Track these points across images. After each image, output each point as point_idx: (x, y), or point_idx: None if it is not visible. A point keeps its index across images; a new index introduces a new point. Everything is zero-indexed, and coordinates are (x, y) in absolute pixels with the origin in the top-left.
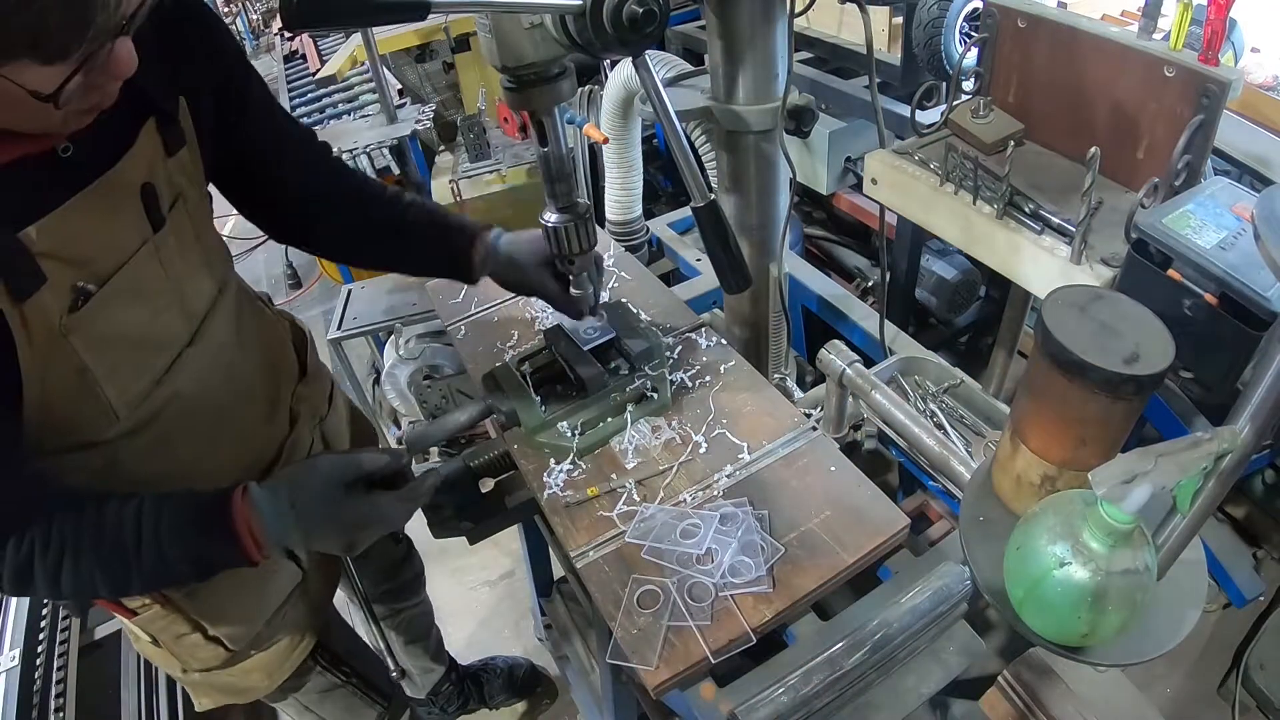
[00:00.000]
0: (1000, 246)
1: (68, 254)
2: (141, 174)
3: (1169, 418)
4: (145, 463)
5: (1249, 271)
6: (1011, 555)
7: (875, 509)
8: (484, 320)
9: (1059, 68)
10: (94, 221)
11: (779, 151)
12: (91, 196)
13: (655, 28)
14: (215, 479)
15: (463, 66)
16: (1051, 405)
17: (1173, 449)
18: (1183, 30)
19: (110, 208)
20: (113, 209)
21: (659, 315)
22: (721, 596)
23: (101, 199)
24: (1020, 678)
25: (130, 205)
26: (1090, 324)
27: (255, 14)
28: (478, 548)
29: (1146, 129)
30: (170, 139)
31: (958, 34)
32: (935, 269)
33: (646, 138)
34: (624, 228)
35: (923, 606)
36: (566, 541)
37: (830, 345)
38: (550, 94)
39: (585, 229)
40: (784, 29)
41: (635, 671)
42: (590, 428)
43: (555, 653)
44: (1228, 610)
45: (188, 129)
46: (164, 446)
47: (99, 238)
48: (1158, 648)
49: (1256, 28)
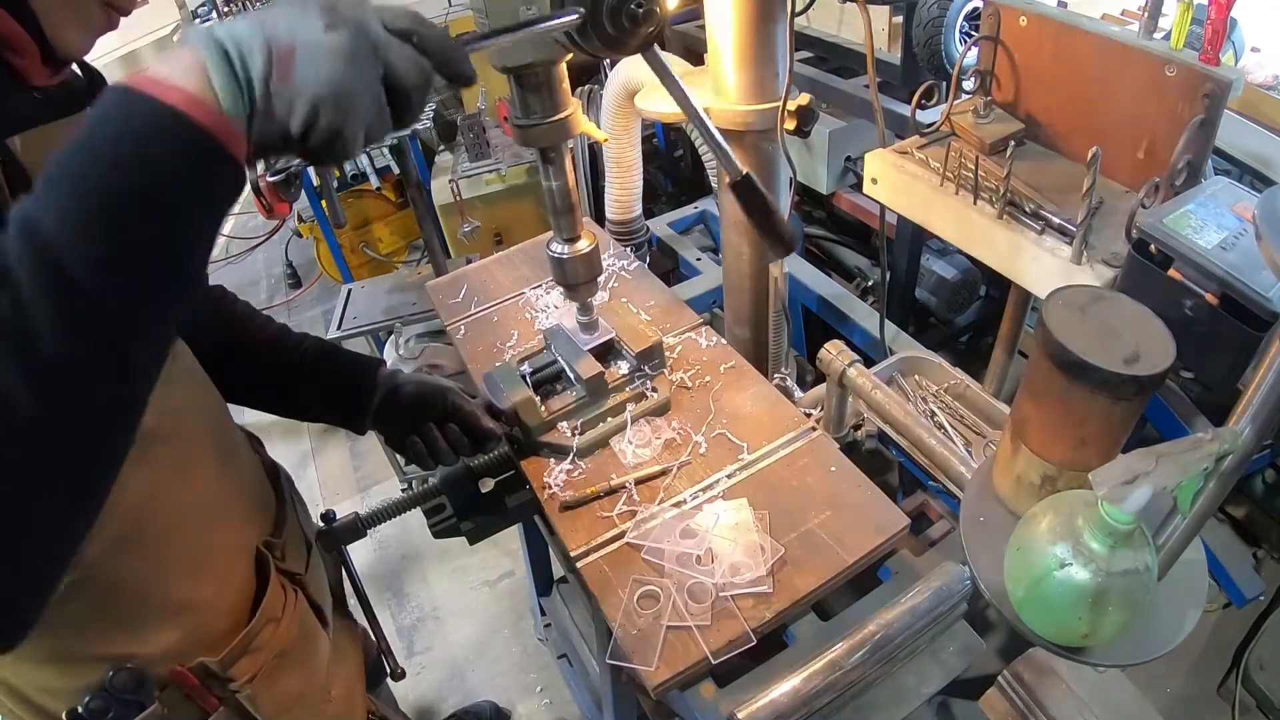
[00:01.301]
0: (1000, 246)
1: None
2: None
3: (1169, 418)
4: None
5: (1250, 272)
6: (1011, 555)
7: (875, 509)
8: (484, 320)
9: (1059, 67)
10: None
11: (779, 151)
12: (71, 129)
13: (655, 28)
14: (207, 508)
15: None
16: (1051, 405)
17: (1173, 449)
18: (1183, 30)
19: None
20: None
21: (659, 315)
22: (721, 597)
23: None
24: (1020, 678)
25: None
26: (1091, 324)
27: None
28: (478, 548)
29: (1147, 129)
30: None
31: (958, 33)
32: (935, 269)
33: (646, 138)
34: (624, 227)
35: (923, 606)
36: (566, 541)
37: (830, 345)
38: (558, 131)
39: (590, 261)
40: (784, 28)
41: (635, 671)
42: (590, 428)
43: (555, 653)
44: (1228, 610)
45: None
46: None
47: None
48: (1158, 648)
49: (1257, 27)
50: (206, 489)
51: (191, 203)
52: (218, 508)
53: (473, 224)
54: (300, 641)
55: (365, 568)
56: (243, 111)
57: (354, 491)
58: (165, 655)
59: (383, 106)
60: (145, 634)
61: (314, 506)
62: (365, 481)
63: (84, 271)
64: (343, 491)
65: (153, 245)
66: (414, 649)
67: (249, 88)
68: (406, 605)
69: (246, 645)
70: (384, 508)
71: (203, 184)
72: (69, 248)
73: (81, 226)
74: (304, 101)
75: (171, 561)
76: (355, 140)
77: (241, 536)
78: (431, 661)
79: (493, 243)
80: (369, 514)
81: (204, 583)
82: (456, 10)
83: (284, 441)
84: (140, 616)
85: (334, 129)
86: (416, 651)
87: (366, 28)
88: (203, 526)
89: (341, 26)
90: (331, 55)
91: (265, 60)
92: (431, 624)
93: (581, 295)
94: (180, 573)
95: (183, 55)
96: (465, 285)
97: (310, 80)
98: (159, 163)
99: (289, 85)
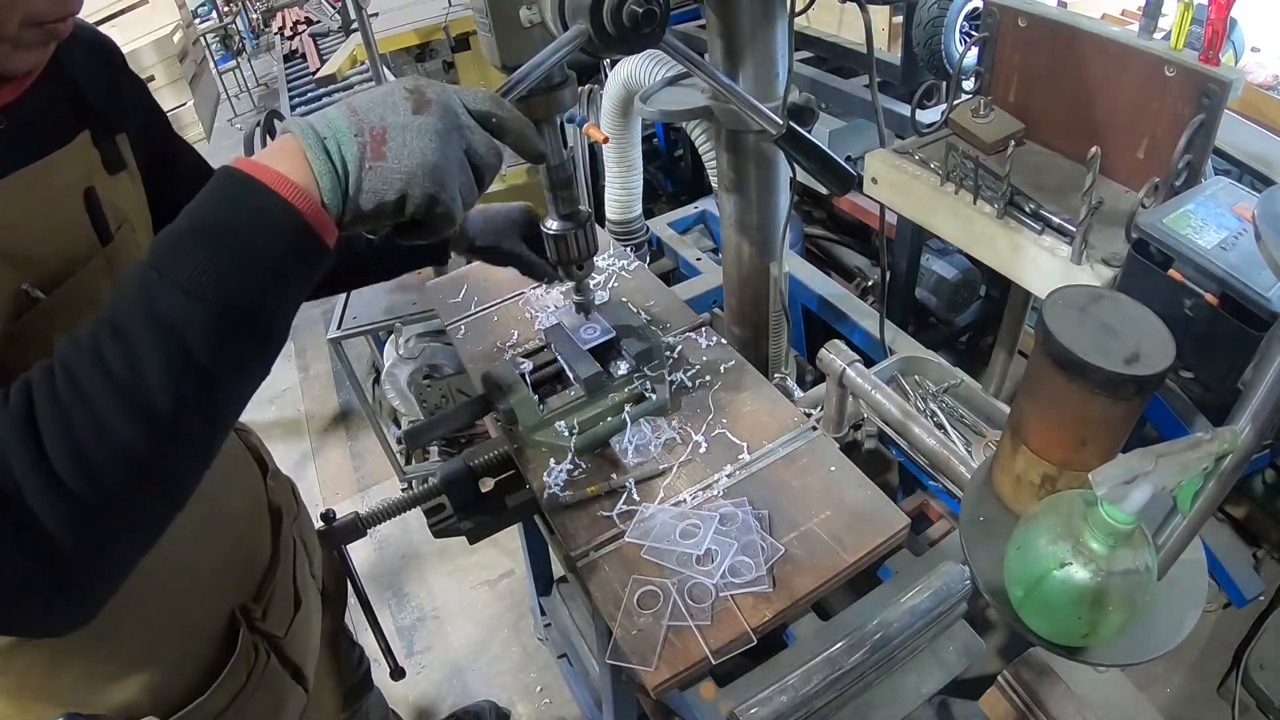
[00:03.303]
0: (1000, 246)
1: (6, 245)
2: (80, 177)
3: (1169, 418)
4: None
5: (1250, 271)
6: (1011, 555)
7: (875, 509)
8: (484, 320)
9: (1059, 67)
10: (31, 210)
11: (779, 151)
12: (26, 180)
13: (655, 27)
14: (199, 569)
15: (462, 66)
16: (1051, 405)
17: (1173, 449)
18: (1183, 30)
19: (49, 203)
20: (53, 204)
21: (659, 315)
22: (721, 597)
23: (39, 190)
24: (1020, 678)
25: (73, 206)
26: (1091, 324)
27: (255, 13)
28: (478, 548)
29: (1147, 128)
30: (109, 156)
31: (958, 33)
32: (935, 268)
33: (646, 137)
34: (624, 227)
35: (923, 606)
36: (566, 541)
37: (830, 345)
38: (552, 103)
39: (587, 236)
40: (784, 28)
41: (635, 671)
42: (589, 427)
43: (555, 653)
44: (1228, 610)
45: (128, 157)
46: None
47: (39, 232)
48: (1158, 648)
49: (1257, 27)
50: (187, 551)
51: (296, 285)
52: (197, 569)
53: None
54: (266, 705)
55: (365, 567)
56: (338, 202)
57: (354, 491)
58: (122, 708)
59: (469, 177)
60: (107, 685)
61: (314, 506)
62: (365, 481)
63: (201, 342)
64: (343, 491)
65: (255, 317)
66: (414, 649)
67: (344, 170)
68: (406, 605)
69: (206, 710)
70: (384, 507)
71: (305, 266)
72: (187, 321)
73: (199, 302)
74: (399, 175)
75: (144, 621)
76: (454, 204)
77: (219, 598)
78: (431, 661)
79: None
80: (369, 513)
81: (173, 644)
82: (456, 10)
83: (284, 441)
84: (103, 669)
85: (429, 196)
86: (416, 651)
87: (451, 109)
88: (180, 589)
89: (427, 109)
90: (420, 134)
91: (359, 144)
92: (431, 624)
93: (577, 274)
94: (151, 632)
95: (285, 144)
96: (465, 285)
97: (403, 157)
98: (271, 249)
99: (384, 163)
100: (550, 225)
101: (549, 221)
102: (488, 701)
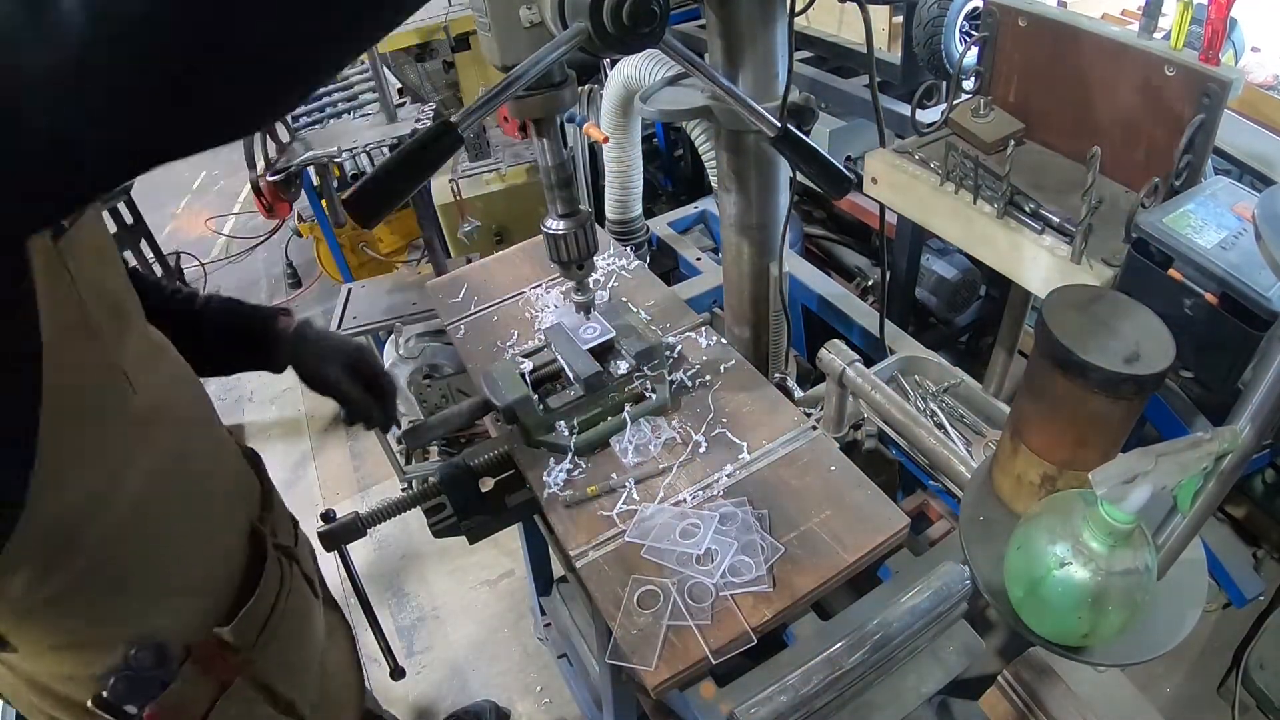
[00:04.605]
0: (1000, 246)
1: None
2: None
3: (1169, 418)
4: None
5: (1250, 271)
6: (1011, 555)
7: (875, 509)
8: (484, 320)
9: (1059, 67)
10: None
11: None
12: None
13: (655, 27)
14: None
15: (463, 66)
16: (1051, 405)
17: (1173, 449)
18: (1183, 29)
19: None
20: None
21: (659, 315)
22: (721, 596)
23: None
24: (1020, 678)
25: None
26: (1090, 324)
27: None
28: (478, 548)
29: (1147, 128)
30: None
31: (958, 33)
32: (935, 268)
33: (646, 137)
34: (624, 227)
35: (923, 606)
36: (566, 541)
37: (830, 345)
38: (552, 101)
39: (587, 236)
40: (784, 28)
41: (635, 671)
42: (588, 427)
43: (555, 652)
44: (1228, 610)
45: None
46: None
47: None
48: (1158, 648)
49: (1257, 27)
50: (202, 473)
51: None
52: (213, 490)
53: (473, 223)
54: (300, 609)
55: (365, 567)
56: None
57: (354, 491)
58: (180, 632)
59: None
60: (156, 615)
61: (314, 506)
62: (365, 481)
63: None
64: (343, 491)
65: None
66: (414, 648)
67: None
68: (406, 605)
69: (255, 616)
70: (384, 507)
71: None
72: None
73: None
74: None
75: (174, 545)
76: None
77: (236, 516)
78: (431, 661)
79: (493, 242)
80: (369, 513)
81: (206, 562)
82: (456, 10)
83: (284, 441)
84: (149, 600)
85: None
86: (416, 651)
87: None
88: (201, 509)
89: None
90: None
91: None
92: (431, 624)
93: (577, 273)
94: (183, 555)
95: None
96: (465, 285)
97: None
98: None
99: None
100: (550, 225)
101: (549, 221)
102: (488, 701)
